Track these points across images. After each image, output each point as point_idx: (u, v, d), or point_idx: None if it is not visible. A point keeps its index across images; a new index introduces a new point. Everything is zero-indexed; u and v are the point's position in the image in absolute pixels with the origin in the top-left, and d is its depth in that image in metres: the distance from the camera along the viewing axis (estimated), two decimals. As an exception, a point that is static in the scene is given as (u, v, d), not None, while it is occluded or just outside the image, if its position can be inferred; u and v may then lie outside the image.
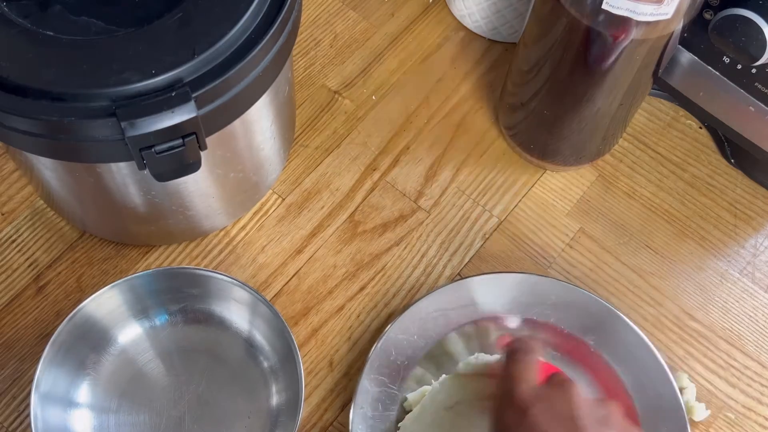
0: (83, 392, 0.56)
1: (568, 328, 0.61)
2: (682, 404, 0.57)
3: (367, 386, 0.57)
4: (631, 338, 0.60)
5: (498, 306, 0.61)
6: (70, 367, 0.56)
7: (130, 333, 0.59)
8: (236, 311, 0.59)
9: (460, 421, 0.55)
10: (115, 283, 0.55)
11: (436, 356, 0.60)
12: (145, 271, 0.56)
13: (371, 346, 0.58)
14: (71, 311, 0.54)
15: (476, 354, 0.57)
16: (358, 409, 0.56)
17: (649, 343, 0.59)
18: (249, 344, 0.59)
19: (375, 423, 0.56)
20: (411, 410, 0.57)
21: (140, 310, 0.58)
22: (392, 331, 0.59)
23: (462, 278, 0.62)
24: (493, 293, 0.61)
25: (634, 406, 0.58)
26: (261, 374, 0.58)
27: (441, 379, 0.56)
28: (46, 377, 0.53)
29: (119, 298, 0.57)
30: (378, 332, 0.61)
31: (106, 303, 0.56)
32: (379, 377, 0.58)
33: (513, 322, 0.61)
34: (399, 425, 0.56)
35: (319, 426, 0.59)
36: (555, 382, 0.47)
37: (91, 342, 0.57)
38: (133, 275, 0.56)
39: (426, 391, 0.57)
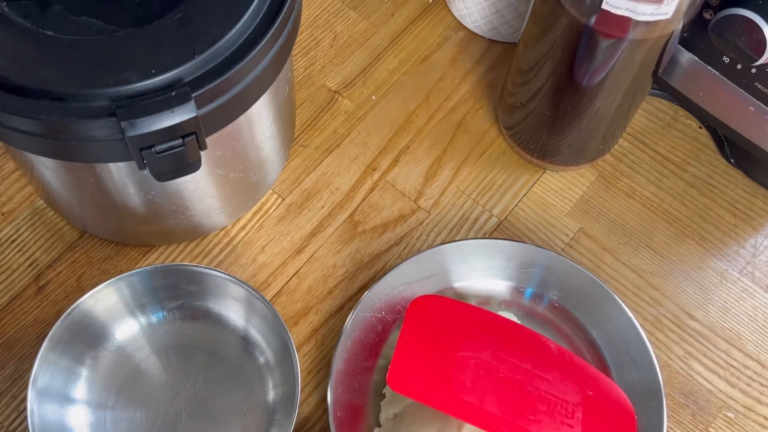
0: (80, 389, 0.56)
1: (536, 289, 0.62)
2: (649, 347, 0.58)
3: (341, 366, 0.57)
4: (594, 290, 0.60)
5: (464, 274, 0.62)
6: (67, 364, 0.56)
7: (127, 330, 0.59)
8: (233, 308, 0.59)
9: None
10: (112, 279, 0.55)
11: None
12: (142, 268, 0.56)
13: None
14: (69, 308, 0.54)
15: None
16: (335, 391, 0.56)
17: (617, 298, 0.60)
18: (245, 341, 0.59)
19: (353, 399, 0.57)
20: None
21: (137, 306, 0.58)
22: (360, 311, 0.59)
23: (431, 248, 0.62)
24: (462, 261, 0.62)
25: (602, 355, 0.59)
26: (258, 371, 0.58)
27: None
28: (42, 374, 0.53)
29: (116, 295, 0.57)
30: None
31: (103, 300, 0.56)
32: (351, 356, 0.58)
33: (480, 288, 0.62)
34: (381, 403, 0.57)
35: (318, 426, 0.59)
36: None
37: (88, 339, 0.57)
38: (130, 272, 0.56)
39: None
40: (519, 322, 0.58)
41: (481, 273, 0.62)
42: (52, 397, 0.54)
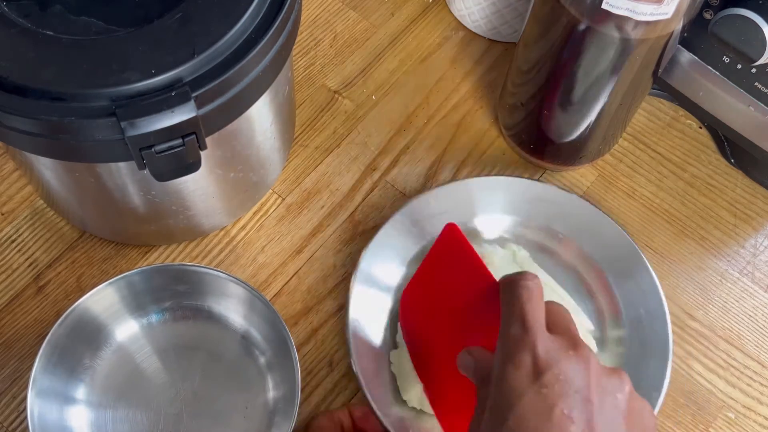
0: (80, 389, 0.56)
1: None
2: (670, 335, 0.59)
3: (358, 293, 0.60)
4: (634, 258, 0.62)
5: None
6: (67, 365, 0.56)
7: (126, 330, 0.59)
8: (232, 307, 0.59)
9: None
10: (111, 280, 0.55)
11: None
12: (140, 268, 0.56)
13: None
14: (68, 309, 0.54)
15: None
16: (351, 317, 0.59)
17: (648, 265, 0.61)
18: (245, 340, 0.59)
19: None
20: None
21: (137, 306, 0.58)
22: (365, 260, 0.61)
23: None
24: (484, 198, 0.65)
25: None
26: (257, 370, 0.58)
27: None
28: (42, 374, 0.53)
29: (116, 295, 0.57)
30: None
31: (102, 300, 0.56)
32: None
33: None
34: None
35: (319, 426, 0.59)
36: (570, 344, 0.41)
37: (88, 339, 0.57)
38: (129, 272, 0.56)
39: None
40: (530, 256, 0.63)
41: (498, 208, 0.64)
42: (52, 397, 0.54)
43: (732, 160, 0.70)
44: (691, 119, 0.72)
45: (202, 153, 0.47)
